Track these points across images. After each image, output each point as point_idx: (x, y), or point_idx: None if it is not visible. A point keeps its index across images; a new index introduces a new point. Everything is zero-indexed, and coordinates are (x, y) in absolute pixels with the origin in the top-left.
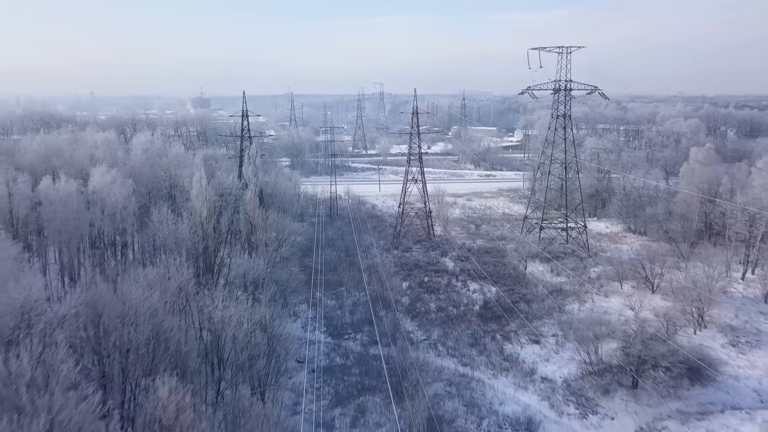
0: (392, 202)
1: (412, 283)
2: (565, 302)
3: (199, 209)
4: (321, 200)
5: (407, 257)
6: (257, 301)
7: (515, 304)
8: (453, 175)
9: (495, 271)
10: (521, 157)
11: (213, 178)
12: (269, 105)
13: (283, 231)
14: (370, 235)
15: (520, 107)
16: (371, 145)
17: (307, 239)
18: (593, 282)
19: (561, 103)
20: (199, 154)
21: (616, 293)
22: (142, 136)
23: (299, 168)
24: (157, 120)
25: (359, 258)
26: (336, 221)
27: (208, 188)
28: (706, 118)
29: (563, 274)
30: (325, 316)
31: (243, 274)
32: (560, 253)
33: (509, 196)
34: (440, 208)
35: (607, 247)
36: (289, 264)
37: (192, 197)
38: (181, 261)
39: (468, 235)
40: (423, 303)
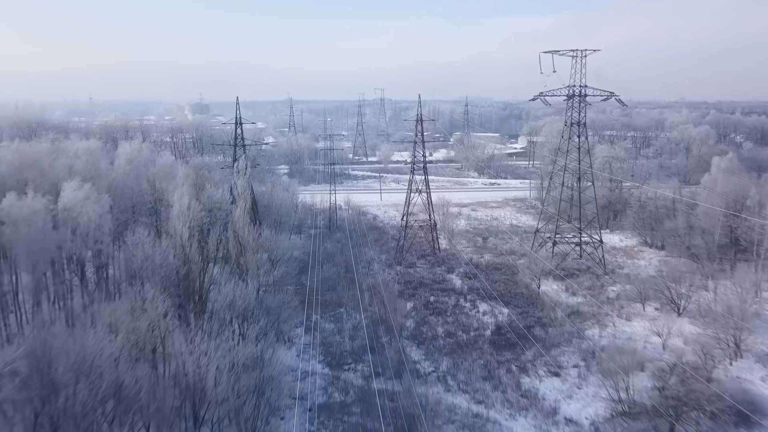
0: (394, 212)
1: (417, 304)
2: (584, 326)
3: (180, 230)
4: (320, 210)
5: (411, 274)
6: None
7: (530, 329)
8: (456, 183)
9: (506, 290)
10: (526, 164)
11: (203, 191)
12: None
13: (277, 250)
14: (372, 249)
15: (523, 113)
16: (372, 152)
17: (305, 253)
18: (612, 303)
19: (573, 109)
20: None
21: (638, 316)
22: (127, 145)
23: (298, 176)
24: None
25: (360, 275)
26: (335, 233)
27: (195, 204)
28: (715, 125)
29: (579, 294)
30: (322, 342)
31: (229, 303)
32: (574, 270)
33: (516, 206)
34: (445, 219)
35: (623, 262)
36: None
37: (173, 216)
38: (156, 292)
39: (475, 249)
40: (429, 327)
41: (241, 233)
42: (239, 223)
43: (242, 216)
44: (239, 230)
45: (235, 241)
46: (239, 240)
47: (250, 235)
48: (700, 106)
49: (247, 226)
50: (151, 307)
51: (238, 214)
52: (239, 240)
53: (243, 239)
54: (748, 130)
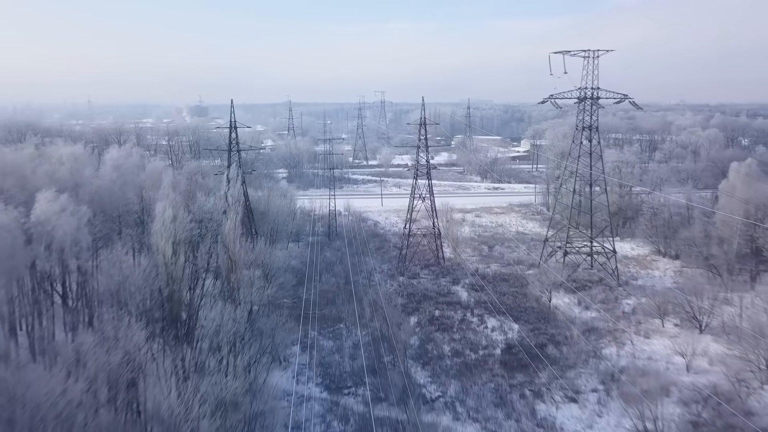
0: (395, 218)
1: (421, 319)
2: (600, 344)
3: (162, 247)
4: (319, 217)
5: (414, 286)
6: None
7: (543, 347)
8: (459, 187)
9: (515, 304)
10: (529, 168)
11: (194, 199)
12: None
13: (273, 264)
14: (373, 258)
15: (525, 116)
16: (372, 156)
17: (303, 263)
18: (629, 318)
19: (585, 112)
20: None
21: (657, 333)
22: (114, 150)
23: (297, 180)
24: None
25: (360, 287)
26: (335, 241)
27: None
28: (722, 128)
29: (593, 308)
30: (320, 362)
31: (217, 329)
32: (586, 282)
33: (521, 212)
34: (448, 226)
35: (636, 273)
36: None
37: (154, 231)
38: (133, 318)
39: (480, 258)
40: (435, 345)
41: (232, 248)
42: (230, 236)
43: (233, 229)
44: (230, 244)
45: (226, 256)
46: (230, 255)
47: (242, 249)
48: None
49: (239, 239)
50: (126, 336)
51: (229, 227)
52: (230, 255)
53: (234, 254)
54: (756, 133)
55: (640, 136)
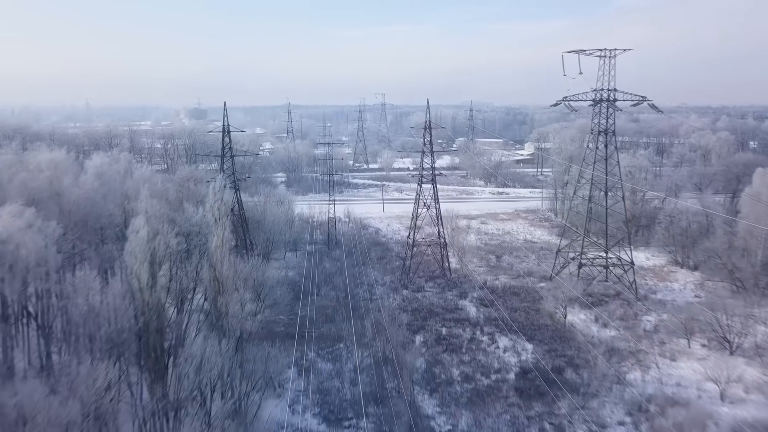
0: (398, 225)
1: (427, 338)
2: (622, 367)
3: (137, 270)
4: (318, 224)
5: (419, 300)
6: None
7: (561, 372)
8: (462, 192)
9: (528, 321)
10: (534, 172)
11: (182, 210)
12: (268, 116)
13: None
14: (374, 269)
15: (528, 119)
16: (373, 159)
17: (300, 274)
18: (651, 337)
19: (599, 115)
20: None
21: (684, 354)
22: (98, 156)
23: (295, 185)
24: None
25: (361, 301)
26: (334, 250)
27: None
28: (732, 131)
29: (611, 326)
30: (318, 388)
31: (198, 367)
32: (602, 296)
33: (528, 219)
34: (454, 234)
35: (654, 285)
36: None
37: (127, 252)
38: (97, 360)
39: (488, 269)
40: (443, 368)
41: (219, 267)
42: (216, 254)
43: (220, 246)
44: (216, 263)
45: (212, 277)
46: (216, 275)
47: (231, 268)
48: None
49: (227, 257)
50: (87, 382)
51: (215, 244)
52: (216, 275)
53: (221, 274)
54: (766, 136)
55: (647, 139)
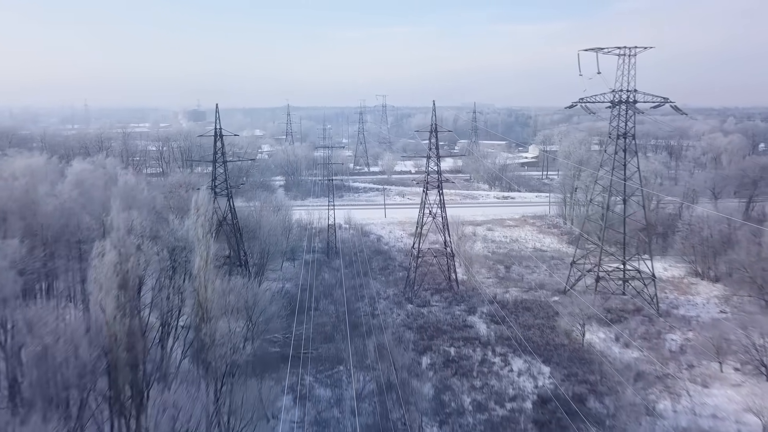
0: (400, 231)
1: (434, 359)
2: (650, 395)
3: (102, 301)
4: (317, 230)
5: (425, 316)
6: None
7: (583, 400)
8: (466, 197)
9: (543, 340)
10: (539, 175)
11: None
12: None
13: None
14: (377, 281)
15: (531, 120)
16: (374, 162)
17: (298, 286)
18: (677, 358)
19: (618, 117)
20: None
21: (717, 380)
22: (78, 162)
23: (294, 189)
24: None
25: (363, 317)
26: (334, 260)
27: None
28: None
29: (633, 346)
30: (316, 419)
31: (177, 411)
32: (620, 311)
33: (536, 225)
34: (460, 243)
35: (675, 299)
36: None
37: (90, 280)
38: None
39: (497, 281)
40: (453, 394)
41: (203, 292)
42: (200, 277)
43: (204, 267)
44: (200, 288)
45: (196, 303)
46: (200, 302)
47: (216, 292)
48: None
49: (213, 279)
50: None
51: (198, 266)
52: (200, 302)
53: (205, 300)
54: None
55: (656, 141)
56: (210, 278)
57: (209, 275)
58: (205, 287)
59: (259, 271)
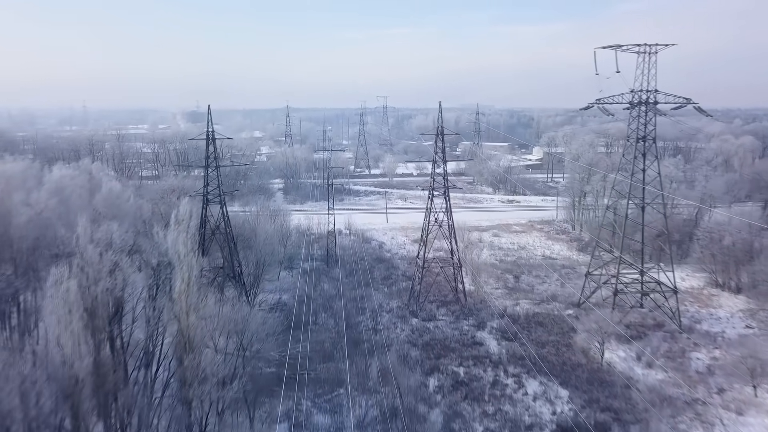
0: (403, 237)
1: (442, 381)
2: (679, 422)
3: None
4: (316, 237)
5: (431, 331)
6: None
7: (608, 430)
8: (470, 200)
9: (558, 360)
10: (543, 177)
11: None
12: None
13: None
14: (379, 291)
15: (533, 122)
16: (374, 164)
17: (295, 297)
18: (706, 380)
19: (638, 119)
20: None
21: (752, 406)
22: (58, 168)
23: (293, 192)
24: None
25: (365, 332)
26: (334, 268)
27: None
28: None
29: (656, 365)
30: None
31: None
32: (639, 326)
33: (544, 231)
34: (466, 251)
35: (696, 313)
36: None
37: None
38: None
39: (506, 292)
40: (463, 422)
41: (184, 319)
42: (180, 303)
43: (185, 291)
44: (181, 314)
45: (178, 332)
46: (182, 331)
47: (200, 319)
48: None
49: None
50: None
51: (179, 291)
52: (182, 331)
53: (188, 328)
54: None
55: (664, 143)
56: (193, 303)
57: (192, 299)
58: (187, 313)
59: (255, 282)
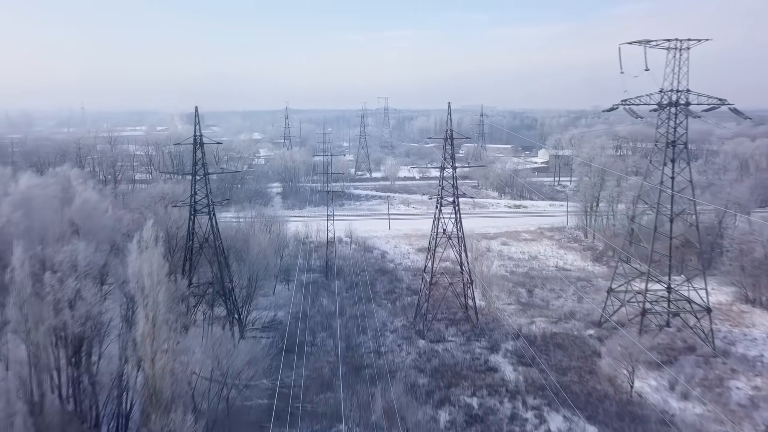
0: (406, 246)
1: (454, 416)
2: None
3: None
4: (315, 245)
5: (440, 354)
6: None
7: None
8: (475, 205)
9: (583, 389)
10: (550, 181)
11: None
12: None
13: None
14: (382, 307)
15: (536, 123)
16: (376, 167)
17: (290, 314)
18: (750, 415)
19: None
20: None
21: None
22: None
23: (291, 197)
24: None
25: (366, 356)
26: (333, 281)
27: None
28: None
29: (694, 397)
30: None
31: None
32: (669, 349)
33: (554, 238)
34: (475, 263)
35: (729, 333)
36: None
37: None
38: None
39: (520, 308)
40: None
41: (150, 369)
42: (146, 347)
43: (150, 335)
44: (146, 364)
45: (144, 386)
46: (147, 382)
47: (170, 363)
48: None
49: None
50: None
51: (143, 331)
52: (147, 382)
53: (154, 379)
54: None
55: None
56: (160, 346)
57: (159, 342)
58: (153, 360)
59: (247, 299)
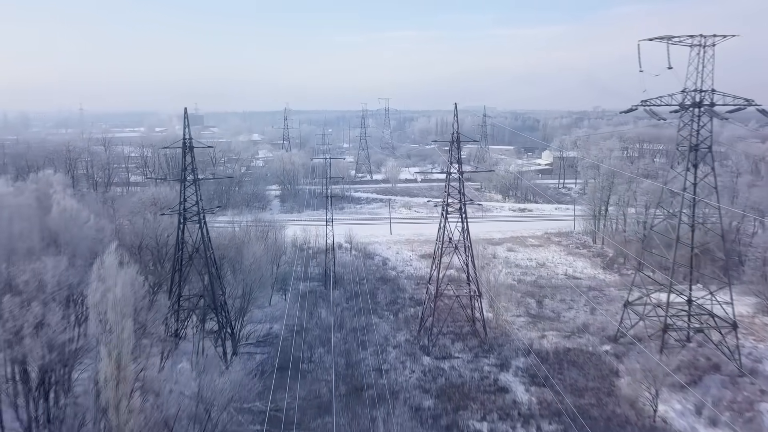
0: (408, 252)
1: None
2: None
3: None
4: (314, 252)
5: (446, 373)
6: None
7: None
8: (478, 209)
9: (601, 413)
10: (554, 183)
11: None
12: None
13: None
14: (384, 320)
15: (538, 124)
16: (376, 168)
17: (286, 327)
18: None
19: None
20: None
21: None
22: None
23: (290, 200)
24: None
25: (367, 374)
26: (333, 290)
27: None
28: None
29: (723, 423)
30: None
31: None
32: (692, 367)
33: (562, 244)
34: (481, 271)
35: (754, 349)
36: None
37: None
38: None
39: (529, 320)
40: None
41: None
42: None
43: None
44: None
45: None
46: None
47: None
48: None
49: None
50: None
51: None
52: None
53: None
54: None
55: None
56: (127, 392)
57: (126, 387)
58: (117, 407)
59: (241, 313)
